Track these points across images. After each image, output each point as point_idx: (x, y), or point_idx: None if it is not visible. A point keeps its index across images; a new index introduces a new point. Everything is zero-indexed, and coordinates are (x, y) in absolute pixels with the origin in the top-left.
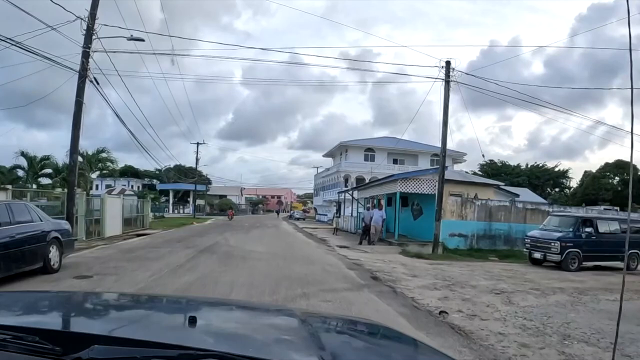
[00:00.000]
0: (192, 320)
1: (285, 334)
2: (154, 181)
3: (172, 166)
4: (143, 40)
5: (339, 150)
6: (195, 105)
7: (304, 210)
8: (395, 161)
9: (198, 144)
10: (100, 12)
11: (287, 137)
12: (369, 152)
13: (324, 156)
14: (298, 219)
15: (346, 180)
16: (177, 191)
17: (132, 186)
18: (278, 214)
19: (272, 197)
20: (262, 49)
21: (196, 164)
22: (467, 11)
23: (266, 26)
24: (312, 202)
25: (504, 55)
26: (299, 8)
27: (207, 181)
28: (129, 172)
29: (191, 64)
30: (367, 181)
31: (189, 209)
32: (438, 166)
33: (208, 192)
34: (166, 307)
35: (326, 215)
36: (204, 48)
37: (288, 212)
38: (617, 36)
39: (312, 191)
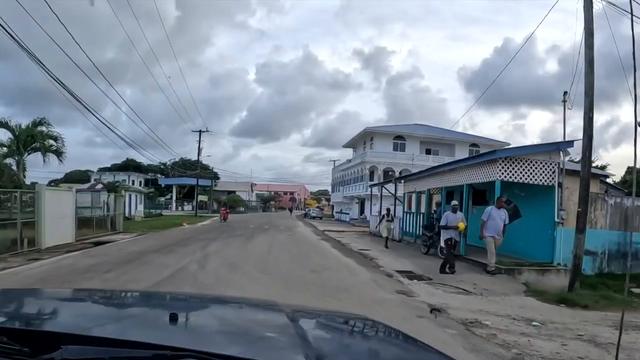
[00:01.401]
0: (173, 318)
1: (271, 331)
2: (159, 176)
3: (177, 159)
4: None
5: (363, 139)
6: (209, 103)
7: (319, 208)
8: (428, 151)
9: (200, 131)
10: None
11: (301, 134)
12: (399, 141)
13: (344, 146)
14: (314, 217)
15: (371, 173)
16: (183, 186)
17: (133, 181)
18: (291, 211)
19: (285, 193)
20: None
21: (198, 154)
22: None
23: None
24: (326, 200)
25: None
26: None
27: (212, 175)
28: (132, 166)
29: (205, 61)
30: (397, 174)
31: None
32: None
33: (215, 188)
34: (147, 304)
35: (348, 213)
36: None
37: (302, 209)
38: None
39: (325, 188)
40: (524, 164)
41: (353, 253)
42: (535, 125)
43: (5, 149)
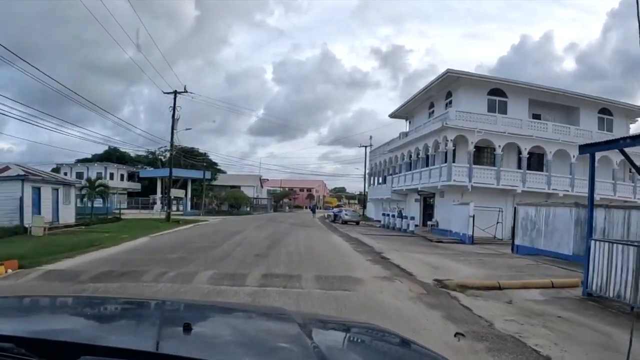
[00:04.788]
0: (187, 328)
1: (283, 341)
2: (147, 168)
3: (166, 148)
4: None
5: (428, 99)
6: (226, 102)
7: (339, 206)
8: (536, 116)
9: (175, 92)
10: None
11: (318, 132)
12: (496, 97)
13: (390, 116)
14: (348, 222)
15: (454, 148)
16: (175, 180)
17: (112, 174)
18: (314, 212)
19: (301, 190)
20: None
21: (172, 126)
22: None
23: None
24: (346, 198)
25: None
26: None
27: (203, 162)
28: (114, 157)
29: (222, 60)
30: (499, 150)
31: (187, 204)
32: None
33: (214, 182)
34: (160, 313)
35: (409, 217)
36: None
37: (325, 209)
38: None
39: (343, 186)
40: None
41: None
42: None
43: None
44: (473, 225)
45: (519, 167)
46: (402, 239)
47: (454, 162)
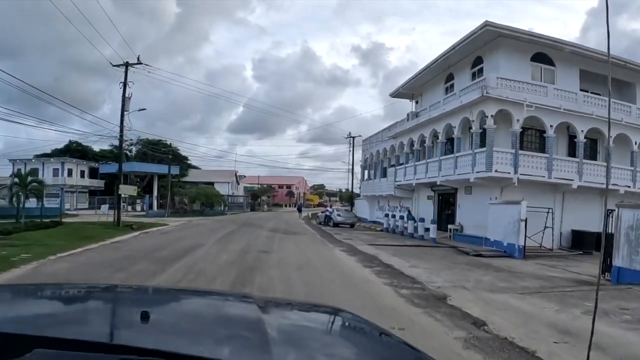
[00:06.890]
0: (145, 316)
1: (243, 327)
2: (111, 163)
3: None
4: None
5: (446, 71)
6: (206, 100)
7: (322, 204)
8: (584, 92)
9: (127, 64)
10: None
11: (297, 130)
12: (540, 64)
13: (392, 95)
14: (340, 224)
15: (483, 132)
16: (142, 177)
17: (70, 170)
18: (300, 211)
19: (280, 187)
20: None
21: (122, 106)
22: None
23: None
24: (327, 195)
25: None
26: None
27: (170, 154)
28: (76, 152)
29: (202, 57)
30: (552, 131)
31: (150, 204)
32: None
33: (185, 178)
34: (119, 300)
35: (430, 220)
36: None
37: (306, 207)
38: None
39: (322, 183)
40: None
41: None
42: None
43: None
44: (525, 233)
45: (571, 154)
46: (430, 253)
47: (496, 146)
